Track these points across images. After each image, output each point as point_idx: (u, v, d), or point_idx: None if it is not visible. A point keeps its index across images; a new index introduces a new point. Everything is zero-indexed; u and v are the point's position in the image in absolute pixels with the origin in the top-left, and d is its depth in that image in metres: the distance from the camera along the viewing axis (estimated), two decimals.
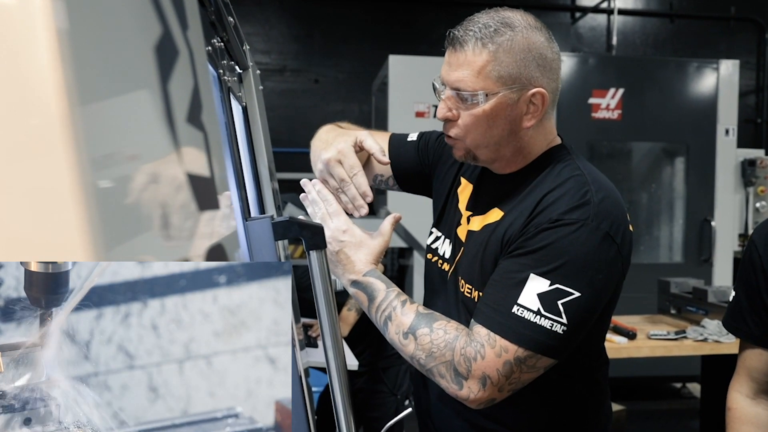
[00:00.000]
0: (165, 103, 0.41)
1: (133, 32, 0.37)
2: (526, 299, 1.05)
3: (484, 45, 1.08)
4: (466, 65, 1.09)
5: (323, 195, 1.23)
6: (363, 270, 1.19)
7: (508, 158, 1.19)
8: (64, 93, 0.27)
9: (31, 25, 0.26)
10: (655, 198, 5.07)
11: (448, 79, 1.12)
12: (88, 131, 0.28)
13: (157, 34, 0.41)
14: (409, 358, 1.14)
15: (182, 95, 0.46)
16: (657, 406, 4.71)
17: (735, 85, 4.84)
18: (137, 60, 0.37)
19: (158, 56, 0.41)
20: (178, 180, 0.42)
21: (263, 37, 6.61)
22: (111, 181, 0.32)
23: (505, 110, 1.11)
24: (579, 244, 1.06)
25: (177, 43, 0.47)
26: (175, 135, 0.42)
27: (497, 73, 1.09)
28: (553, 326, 1.04)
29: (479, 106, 1.10)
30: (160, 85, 0.40)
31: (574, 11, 7.08)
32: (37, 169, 0.27)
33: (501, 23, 1.09)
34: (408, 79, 4.54)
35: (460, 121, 1.14)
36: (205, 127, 0.54)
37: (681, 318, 3.46)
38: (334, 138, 1.30)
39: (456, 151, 1.20)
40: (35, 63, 0.27)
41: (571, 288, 1.05)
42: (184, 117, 0.46)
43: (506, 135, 1.15)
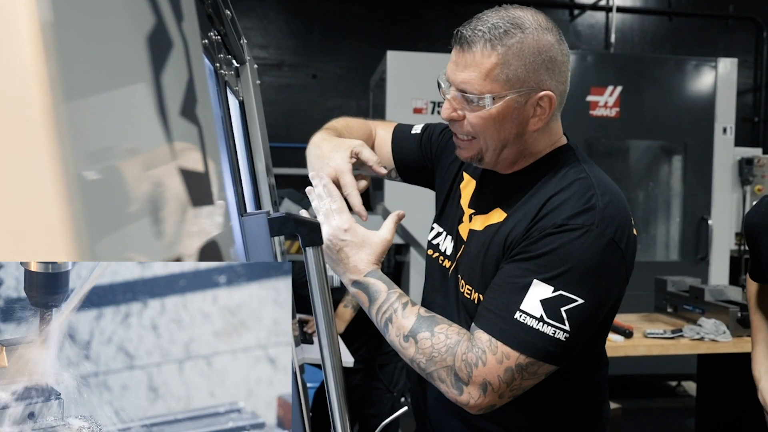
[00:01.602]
0: (158, 96, 0.40)
1: (124, 22, 0.36)
2: (528, 305, 1.04)
3: (493, 47, 1.05)
4: (474, 67, 1.06)
5: (329, 190, 1.19)
6: (365, 270, 1.17)
7: (511, 160, 1.17)
8: (48, 88, 0.26)
9: (12, 16, 0.25)
10: (652, 196, 5.07)
11: (454, 79, 1.10)
12: (75, 126, 0.27)
13: (150, 24, 0.40)
14: (409, 361, 1.12)
15: (176, 88, 0.45)
16: (653, 405, 4.72)
17: (733, 83, 4.84)
18: (128, 51, 0.36)
19: (151, 47, 0.39)
20: (171, 175, 0.41)
21: (261, 31, 6.59)
22: (100, 177, 0.31)
23: (512, 113, 1.09)
24: (583, 250, 1.04)
25: (171, 35, 0.45)
26: (168, 129, 0.41)
27: (505, 76, 1.06)
28: (555, 333, 1.03)
29: (485, 108, 1.08)
30: (153, 78, 0.39)
31: (573, 8, 7.08)
32: (20, 166, 0.26)
33: (511, 24, 1.06)
34: (406, 75, 4.53)
35: (467, 121, 1.11)
36: (199, 121, 0.53)
37: (677, 316, 3.46)
38: (329, 150, 1.25)
39: (465, 151, 1.17)
40: (17, 57, 0.26)
41: (575, 295, 1.03)
42: (178, 110, 0.44)
43: (512, 138, 1.12)
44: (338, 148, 1.25)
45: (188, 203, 0.44)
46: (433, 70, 1.18)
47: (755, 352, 1.85)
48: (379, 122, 1.54)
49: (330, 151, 1.24)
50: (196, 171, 0.48)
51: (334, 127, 1.38)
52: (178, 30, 0.49)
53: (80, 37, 0.29)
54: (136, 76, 0.37)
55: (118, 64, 0.34)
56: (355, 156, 1.25)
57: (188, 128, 0.47)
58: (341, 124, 1.41)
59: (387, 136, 1.47)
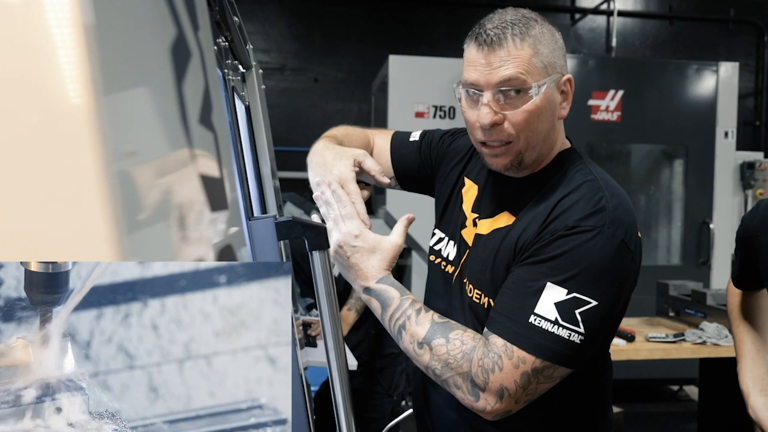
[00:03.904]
0: (180, 104, 0.41)
1: (151, 34, 0.37)
2: (543, 308, 1.03)
3: (522, 39, 1.07)
4: (512, 59, 1.06)
5: (339, 195, 1.18)
6: (376, 276, 1.16)
7: (540, 158, 1.17)
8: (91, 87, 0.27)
9: (63, 20, 0.26)
10: (654, 200, 5.08)
11: (489, 79, 1.07)
12: (114, 130, 0.29)
13: (172, 36, 0.41)
14: (424, 368, 1.11)
15: (195, 97, 0.46)
16: (654, 409, 4.72)
17: (734, 87, 4.85)
18: (155, 63, 0.37)
19: (174, 58, 0.41)
20: (192, 181, 0.42)
21: (263, 35, 6.61)
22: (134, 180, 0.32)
23: (549, 101, 1.10)
24: (596, 251, 1.04)
25: (190, 45, 0.47)
26: (189, 136, 0.42)
27: (541, 63, 1.07)
28: (570, 336, 1.02)
29: (531, 100, 1.07)
30: (176, 87, 0.40)
31: (574, 12, 7.09)
32: (65, 165, 0.27)
33: (525, 17, 1.09)
34: (408, 79, 4.54)
35: (508, 122, 1.09)
36: (215, 128, 0.54)
37: (679, 320, 3.47)
38: (332, 158, 1.25)
39: (501, 159, 1.13)
40: (64, 57, 0.27)
41: (589, 297, 1.03)
42: (197, 118, 0.46)
43: (549, 129, 1.13)
44: (341, 156, 1.25)
45: (207, 207, 0.45)
46: (435, 74, 1.19)
47: (741, 366, 1.77)
48: (377, 131, 1.53)
49: (333, 159, 1.24)
50: (213, 177, 0.49)
51: (334, 135, 1.38)
52: (195, 39, 0.50)
53: (116, 44, 0.31)
54: (162, 87, 0.38)
55: (147, 75, 0.36)
56: (358, 165, 1.25)
57: (205, 135, 0.49)
58: (341, 133, 1.40)
59: (385, 144, 1.47)
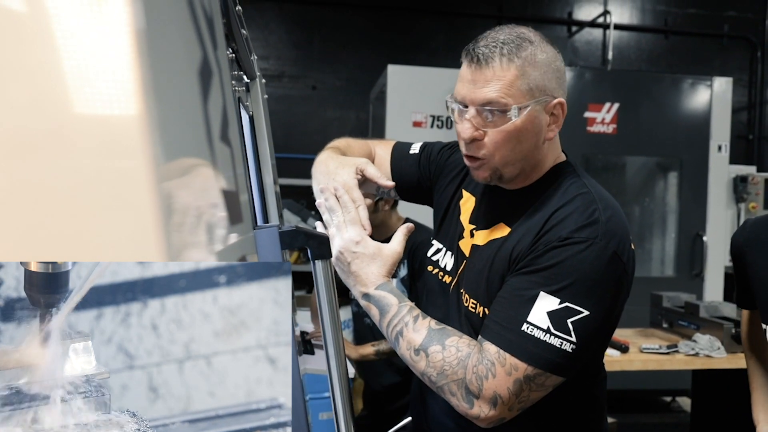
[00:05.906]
0: (206, 124, 0.43)
1: (184, 59, 0.39)
2: (535, 317, 1.06)
3: (510, 60, 1.08)
4: (496, 80, 1.09)
5: (344, 202, 1.20)
6: (376, 283, 1.18)
7: (526, 174, 1.19)
8: (142, 92, 0.29)
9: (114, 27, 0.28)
10: (648, 212, 5.11)
11: (474, 97, 1.11)
12: (163, 140, 0.31)
13: (199, 58, 0.43)
14: (420, 374, 1.13)
15: (216, 114, 0.48)
16: (647, 420, 4.73)
17: (728, 102, 4.89)
18: (186, 84, 0.40)
19: (201, 81, 0.43)
20: (216, 193, 0.44)
21: (262, 42, 6.63)
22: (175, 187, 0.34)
23: (533, 123, 1.12)
24: (588, 263, 1.07)
25: (212, 65, 0.49)
26: (213, 154, 0.44)
27: (526, 86, 1.09)
28: (562, 345, 1.05)
29: (511, 121, 1.10)
30: (203, 108, 0.43)
31: (571, 25, 7.14)
32: (117, 168, 0.29)
33: (519, 38, 1.11)
34: (406, 89, 4.56)
35: (488, 139, 1.12)
36: (231, 143, 0.57)
37: (673, 332, 3.49)
38: (335, 167, 1.28)
39: (480, 172, 1.18)
40: (119, 59, 0.29)
41: (581, 307, 1.05)
42: (218, 135, 0.48)
43: (531, 149, 1.15)
44: (344, 165, 1.28)
45: (227, 219, 0.47)
46: (433, 84, 1.21)
47: (754, 398, 1.80)
48: (378, 141, 1.56)
49: (336, 168, 1.27)
50: (232, 190, 0.51)
51: (336, 146, 1.42)
52: (215, 59, 0.52)
53: (154, 73, 0.33)
54: (192, 108, 0.40)
55: (181, 96, 0.38)
56: (361, 173, 1.28)
57: (224, 151, 0.51)
58: (343, 144, 1.44)
59: (386, 155, 1.50)
